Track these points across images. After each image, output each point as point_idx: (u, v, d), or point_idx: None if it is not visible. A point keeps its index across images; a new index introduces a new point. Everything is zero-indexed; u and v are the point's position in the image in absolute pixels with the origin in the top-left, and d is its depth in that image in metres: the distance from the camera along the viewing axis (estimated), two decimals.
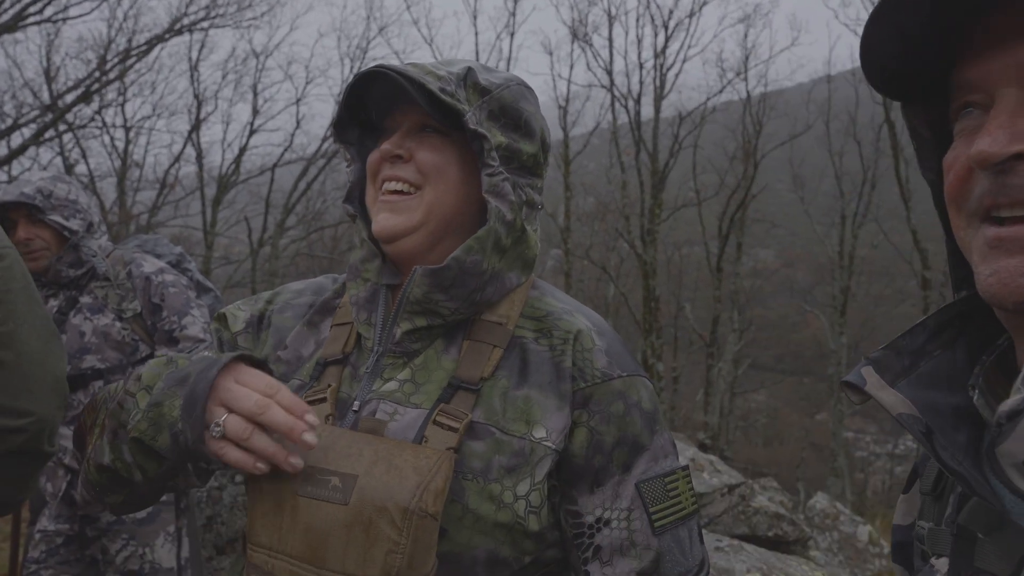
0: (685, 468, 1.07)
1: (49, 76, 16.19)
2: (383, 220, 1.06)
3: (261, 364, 1.01)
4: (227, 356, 0.97)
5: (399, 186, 1.06)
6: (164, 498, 2.60)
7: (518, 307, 1.09)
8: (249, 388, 0.93)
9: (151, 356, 2.62)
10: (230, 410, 0.92)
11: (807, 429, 24.62)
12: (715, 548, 2.98)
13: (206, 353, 1.16)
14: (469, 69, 1.08)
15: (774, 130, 20.62)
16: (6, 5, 13.37)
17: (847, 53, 40.89)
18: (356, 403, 1.04)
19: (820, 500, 6.13)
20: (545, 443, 0.99)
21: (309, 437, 0.90)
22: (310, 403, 1.05)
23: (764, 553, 3.28)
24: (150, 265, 2.67)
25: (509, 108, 1.08)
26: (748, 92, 19.93)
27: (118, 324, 2.58)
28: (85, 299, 2.59)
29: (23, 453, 1.52)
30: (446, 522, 0.95)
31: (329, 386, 1.06)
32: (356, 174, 1.15)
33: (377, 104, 1.12)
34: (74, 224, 2.56)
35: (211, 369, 0.94)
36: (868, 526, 5.53)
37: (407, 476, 0.91)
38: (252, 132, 20.20)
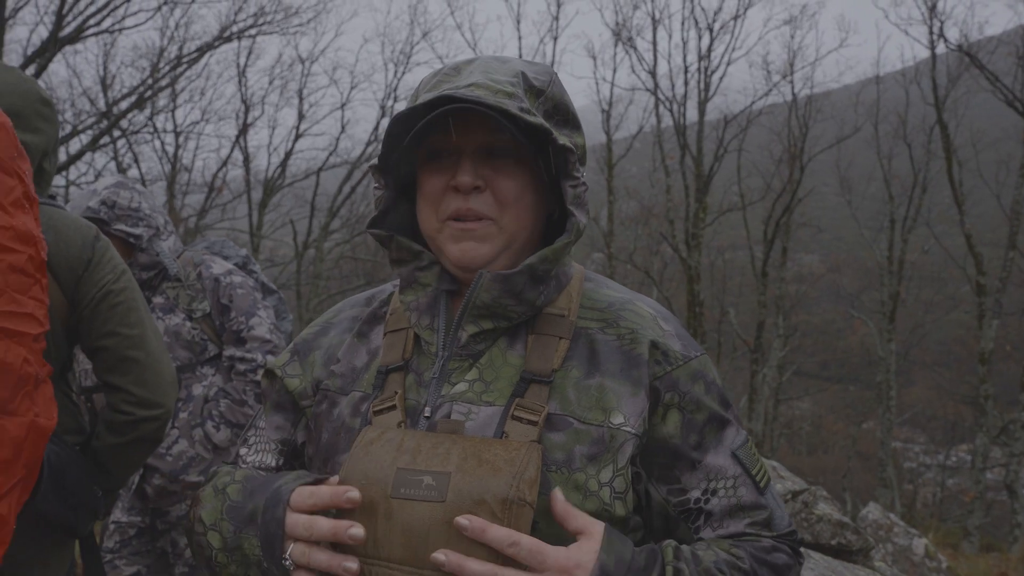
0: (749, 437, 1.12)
1: (105, 84, 16.67)
2: (468, 249, 1.04)
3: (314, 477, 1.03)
4: (286, 492, 1.00)
5: (476, 218, 1.05)
6: None
7: (576, 298, 1.10)
8: (297, 511, 0.97)
9: (218, 356, 2.67)
10: (293, 538, 0.96)
11: (853, 438, 24.09)
12: None
13: (251, 471, 1.15)
14: (522, 73, 1.06)
15: (820, 133, 20.31)
16: (68, 19, 13.78)
17: (897, 54, 40.25)
18: (427, 409, 1.04)
19: (872, 511, 5.99)
20: (624, 428, 1.00)
21: (356, 532, 0.92)
22: (378, 413, 1.05)
23: (831, 561, 3.21)
24: (219, 267, 2.72)
25: (560, 104, 1.08)
26: (794, 94, 19.69)
27: (188, 324, 2.63)
28: (157, 299, 2.64)
29: (149, 440, 1.76)
30: (537, 515, 0.94)
31: (396, 393, 1.06)
32: (389, 202, 1.13)
33: (425, 129, 1.04)
34: (139, 230, 2.62)
35: (277, 508, 0.99)
36: (924, 539, 5.39)
37: (500, 469, 0.92)
38: (298, 136, 20.53)
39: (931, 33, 16.70)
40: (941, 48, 16.70)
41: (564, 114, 1.08)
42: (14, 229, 1.33)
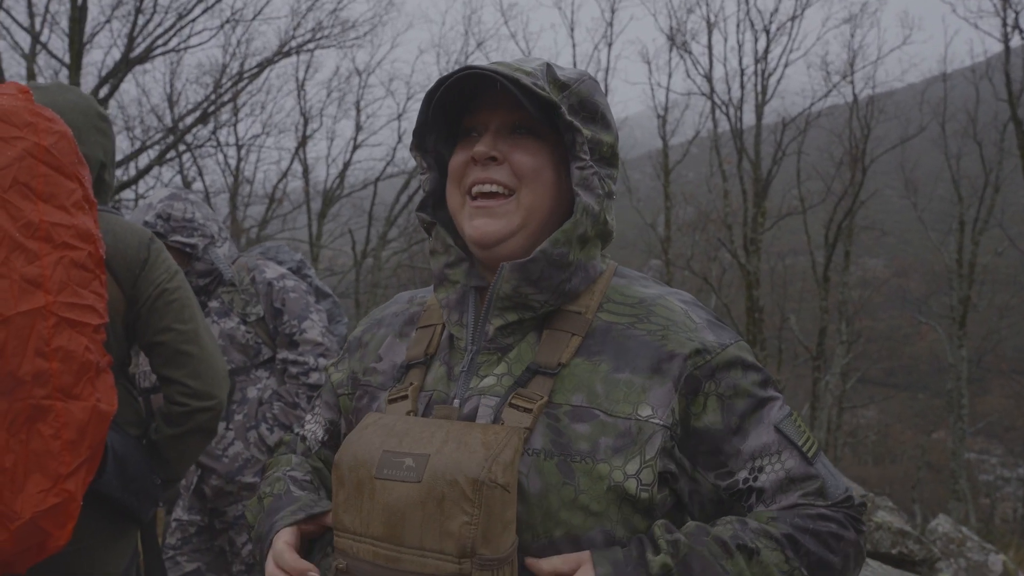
0: (793, 411, 1.12)
1: (171, 101, 17.28)
2: (481, 225, 1.07)
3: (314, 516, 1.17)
4: (277, 527, 1.16)
5: (492, 188, 1.07)
6: None
7: (598, 296, 1.11)
8: (271, 561, 1.11)
9: (272, 359, 2.74)
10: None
11: (922, 448, 23.24)
12: None
13: (285, 482, 1.26)
14: (548, 65, 1.11)
15: (883, 134, 19.74)
16: (139, 40, 14.38)
17: (966, 49, 38.68)
18: (456, 401, 1.07)
19: (943, 523, 5.77)
20: (653, 420, 1.01)
21: None
22: (392, 401, 1.12)
23: (889, 570, 3.12)
24: (272, 271, 2.78)
25: (587, 101, 1.10)
26: (855, 95, 19.19)
27: (243, 327, 2.70)
28: (213, 304, 2.72)
29: (204, 431, 1.85)
30: (560, 507, 0.97)
31: (411, 384, 1.12)
32: (433, 183, 1.17)
33: (458, 106, 1.13)
34: (194, 240, 2.71)
35: (264, 543, 1.16)
36: (1002, 555, 5.15)
37: (476, 450, 0.95)
38: (355, 147, 20.88)
39: (1004, 25, 16.09)
40: (1016, 41, 16.10)
41: (591, 111, 1.11)
42: (75, 228, 1.41)
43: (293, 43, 17.65)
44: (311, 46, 18.07)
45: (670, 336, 1.06)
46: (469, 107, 1.13)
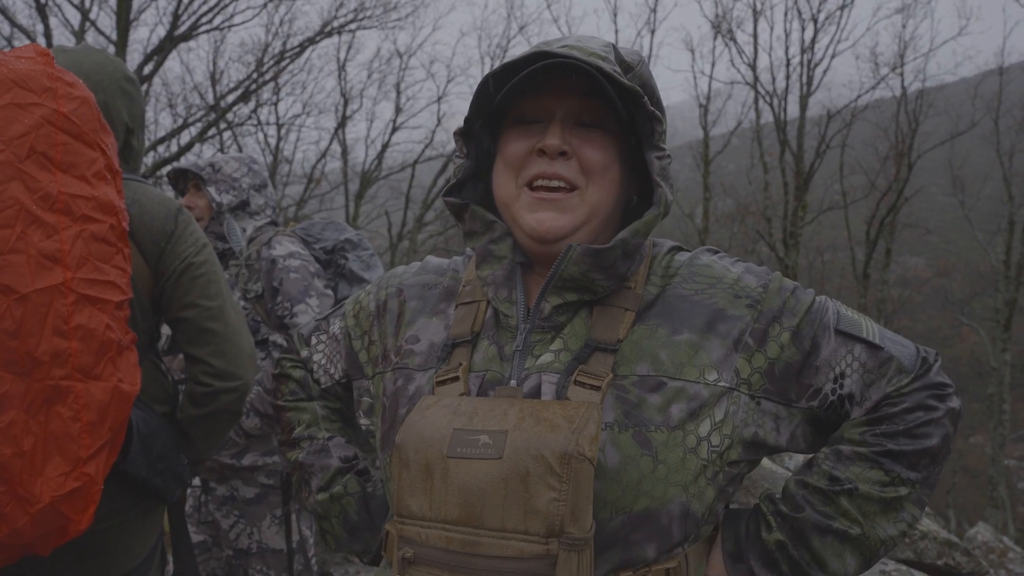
0: (835, 300, 1.14)
1: (214, 79, 17.43)
2: (546, 220, 1.03)
3: None
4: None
5: (558, 184, 1.03)
6: (271, 482, 2.64)
7: (644, 271, 1.10)
8: None
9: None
10: None
11: (960, 452, 22.76)
12: (880, 572, 2.74)
13: (355, 490, 1.26)
14: (613, 46, 1.08)
15: (932, 129, 19.24)
16: (184, 18, 14.52)
17: None
18: (512, 382, 1.03)
19: (982, 532, 5.59)
20: (720, 384, 1.01)
21: None
22: (440, 383, 1.06)
23: None
24: (281, 248, 2.64)
25: (647, 84, 1.08)
26: (904, 88, 18.73)
27: (242, 303, 2.61)
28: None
29: (229, 412, 1.80)
30: (640, 479, 0.95)
31: (460, 364, 1.07)
32: (469, 171, 1.13)
33: (515, 91, 1.05)
34: (224, 199, 2.66)
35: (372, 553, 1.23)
36: None
37: (559, 425, 0.91)
38: (395, 129, 20.93)
39: None
40: None
41: (651, 95, 1.08)
42: (96, 200, 1.35)
43: (335, 23, 17.72)
44: (353, 26, 18.13)
45: (717, 293, 1.06)
46: (522, 88, 1.05)
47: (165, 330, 2.53)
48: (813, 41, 18.18)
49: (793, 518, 1.03)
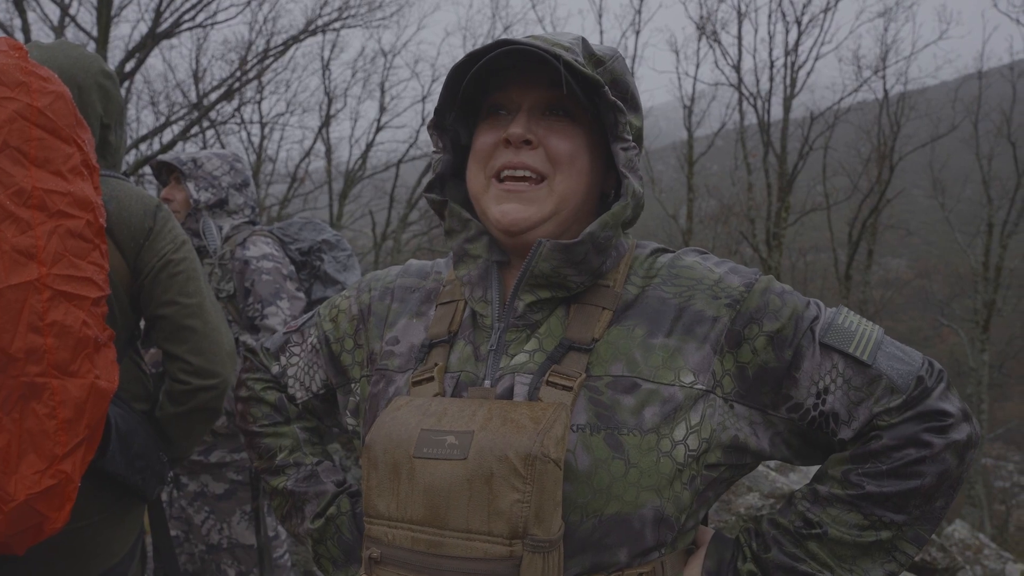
0: (842, 308, 1.08)
1: (197, 77, 17.29)
2: (511, 211, 1.02)
3: None
4: None
5: (524, 173, 1.03)
6: (240, 478, 2.64)
7: (624, 270, 1.08)
8: None
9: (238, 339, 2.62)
10: None
11: None
12: None
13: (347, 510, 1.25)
14: (583, 40, 1.06)
15: (913, 131, 19.42)
16: (166, 15, 14.39)
17: (1004, 46, 37.74)
18: (487, 382, 1.02)
19: (959, 529, 5.66)
20: (696, 386, 0.98)
21: None
22: (416, 384, 1.06)
23: None
24: (255, 249, 2.63)
25: (620, 81, 1.07)
26: (886, 91, 18.91)
27: None
28: None
29: (208, 410, 1.78)
30: (611, 482, 0.93)
31: (435, 364, 1.06)
32: (446, 165, 1.12)
33: (481, 82, 1.06)
34: (202, 196, 2.65)
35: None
36: (1019, 564, 5.04)
37: (524, 426, 0.90)
38: (379, 129, 20.86)
39: None
40: None
41: (623, 91, 1.07)
42: (72, 195, 1.34)
43: (319, 21, 17.64)
44: (337, 25, 18.06)
45: (697, 295, 1.04)
46: (494, 83, 1.06)
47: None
48: (797, 43, 18.31)
49: (760, 557, 1.01)
